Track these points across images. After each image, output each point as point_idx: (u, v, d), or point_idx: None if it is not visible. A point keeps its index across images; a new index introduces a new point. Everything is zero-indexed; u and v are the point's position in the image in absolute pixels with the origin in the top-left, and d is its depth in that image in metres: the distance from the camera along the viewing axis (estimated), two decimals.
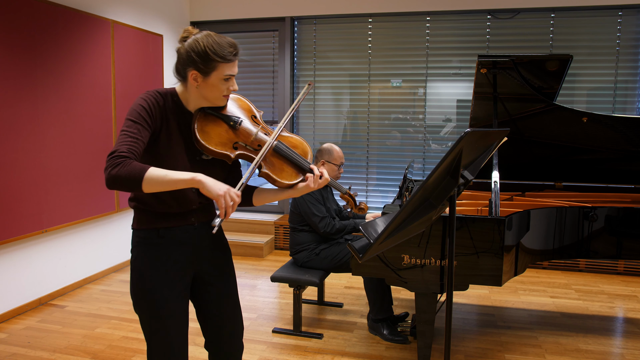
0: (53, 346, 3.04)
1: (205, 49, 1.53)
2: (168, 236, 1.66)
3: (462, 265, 2.45)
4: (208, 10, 5.50)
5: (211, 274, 1.78)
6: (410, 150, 5.20)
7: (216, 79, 1.56)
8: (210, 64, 1.54)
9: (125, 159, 1.41)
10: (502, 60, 2.93)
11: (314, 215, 3.16)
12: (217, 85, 1.57)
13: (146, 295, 1.65)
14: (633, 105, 4.65)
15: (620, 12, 4.57)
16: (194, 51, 1.54)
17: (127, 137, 1.47)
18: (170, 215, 1.65)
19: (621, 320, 3.49)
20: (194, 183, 1.45)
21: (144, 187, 1.41)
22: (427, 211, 1.54)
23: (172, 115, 1.61)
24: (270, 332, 3.26)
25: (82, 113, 3.97)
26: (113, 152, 1.42)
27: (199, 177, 1.44)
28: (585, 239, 2.76)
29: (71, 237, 4.01)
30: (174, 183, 1.44)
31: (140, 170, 1.40)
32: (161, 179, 1.42)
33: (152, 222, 1.65)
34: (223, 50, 1.54)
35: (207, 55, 1.53)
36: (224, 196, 1.43)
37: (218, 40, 1.55)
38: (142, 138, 1.50)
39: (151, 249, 1.65)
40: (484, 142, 1.61)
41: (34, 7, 3.50)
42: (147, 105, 1.56)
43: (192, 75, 1.57)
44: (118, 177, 1.39)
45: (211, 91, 1.59)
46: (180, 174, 1.45)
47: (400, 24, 5.08)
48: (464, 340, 3.14)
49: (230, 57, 1.56)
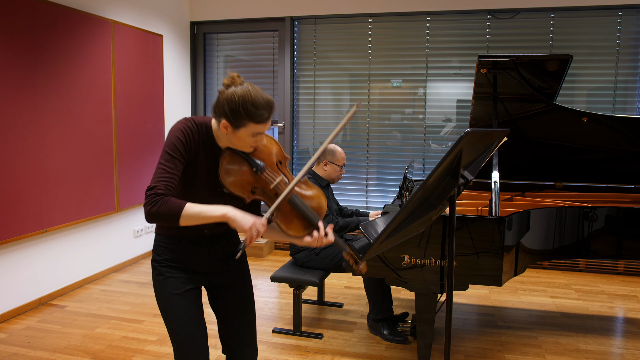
0: (53, 346, 3.04)
1: (239, 106, 1.57)
2: (182, 242, 1.77)
3: (462, 265, 2.45)
4: (208, 10, 5.50)
5: (226, 281, 1.87)
6: (410, 150, 5.20)
7: (244, 134, 1.62)
8: (240, 121, 1.59)
9: (162, 197, 1.54)
10: (502, 60, 2.93)
11: None
12: (245, 139, 1.63)
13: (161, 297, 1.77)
14: (633, 105, 4.65)
15: (620, 12, 4.57)
16: (228, 104, 1.58)
17: (164, 172, 1.58)
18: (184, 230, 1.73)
19: (621, 320, 3.50)
20: (224, 219, 1.56)
21: (180, 223, 1.55)
22: (427, 211, 1.54)
23: (203, 146, 1.70)
24: (270, 332, 3.26)
25: (82, 113, 3.97)
26: (151, 187, 1.55)
27: (230, 213, 1.56)
28: (585, 239, 2.76)
29: (71, 237, 4.01)
30: (207, 219, 1.57)
31: (177, 209, 1.54)
32: (196, 216, 1.56)
33: (169, 229, 1.77)
34: (256, 111, 1.58)
35: (239, 113, 1.57)
36: (251, 230, 1.54)
37: (254, 100, 1.58)
38: (178, 172, 1.61)
39: (167, 252, 1.77)
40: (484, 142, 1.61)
41: (34, 7, 3.50)
42: (184, 138, 1.64)
43: (223, 124, 1.62)
44: (158, 214, 1.54)
45: (238, 141, 1.65)
46: (212, 211, 1.56)
47: (400, 24, 5.08)
48: (464, 340, 3.14)
49: (261, 120, 1.60)
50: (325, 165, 3.29)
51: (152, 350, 2.99)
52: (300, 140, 5.51)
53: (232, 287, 1.88)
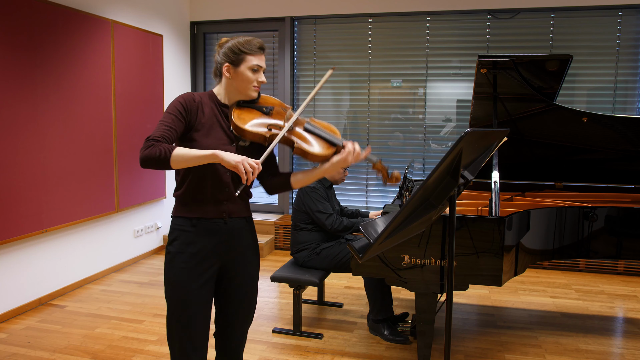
0: (53, 346, 3.04)
1: (236, 44, 1.82)
2: (200, 226, 1.83)
3: (462, 265, 2.45)
4: (208, 10, 5.50)
5: (237, 270, 1.93)
6: (410, 150, 5.20)
7: (245, 68, 1.82)
8: (239, 56, 1.81)
9: (156, 142, 1.65)
10: (502, 60, 2.93)
11: (320, 212, 3.18)
12: (247, 74, 1.82)
13: (173, 279, 1.82)
14: (633, 105, 4.65)
15: (620, 12, 4.57)
16: (227, 48, 1.83)
17: (161, 125, 1.72)
18: (204, 204, 1.83)
19: (621, 320, 3.50)
20: (213, 157, 1.64)
21: (171, 163, 1.64)
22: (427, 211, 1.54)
23: (208, 107, 1.84)
24: (270, 332, 3.26)
25: (82, 113, 3.97)
26: (149, 137, 1.67)
27: (217, 151, 1.64)
28: (585, 239, 2.76)
29: (71, 237, 4.01)
30: (196, 159, 1.65)
31: (168, 149, 1.63)
32: (186, 155, 1.64)
33: (188, 211, 1.84)
34: (249, 45, 1.82)
35: (237, 49, 1.81)
36: (241, 162, 1.61)
37: (246, 38, 1.84)
38: (175, 127, 1.73)
39: (183, 235, 1.84)
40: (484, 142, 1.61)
41: (34, 7, 3.50)
42: (183, 101, 1.79)
43: (225, 67, 1.83)
44: (149, 156, 1.63)
45: (242, 81, 1.83)
46: (202, 151, 1.65)
47: (400, 24, 5.08)
48: (464, 340, 3.14)
49: (255, 50, 1.82)
50: None
51: (152, 350, 2.99)
52: None
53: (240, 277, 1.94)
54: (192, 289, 1.81)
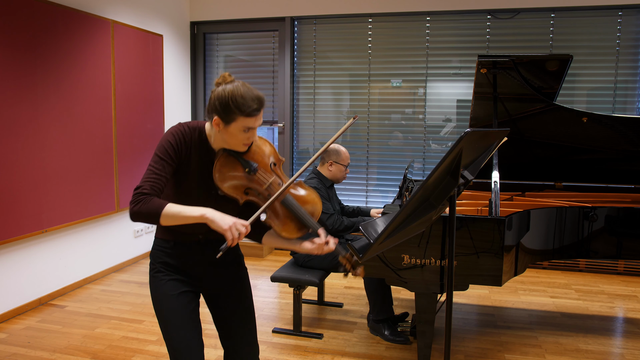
0: (53, 346, 3.04)
1: (228, 100, 1.61)
2: (178, 247, 1.80)
3: (462, 265, 2.45)
4: (208, 10, 5.50)
5: (223, 288, 1.89)
6: (410, 150, 5.20)
7: (235, 129, 1.65)
8: (230, 115, 1.62)
9: (146, 196, 1.59)
10: (502, 60, 2.93)
11: (322, 212, 3.17)
12: (236, 134, 1.66)
13: (157, 299, 1.80)
14: (633, 105, 4.65)
15: (620, 12, 4.57)
16: (218, 99, 1.63)
17: (152, 173, 1.64)
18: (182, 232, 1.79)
19: (621, 320, 3.50)
20: (202, 219, 1.58)
21: (161, 222, 1.60)
22: (427, 211, 1.54)
23: (196, 150, 1.73)
24: (270, 332, 3.26)
25: (82, 113, 3.97)
26: (138, 187, 1.60)
27: (208, 214, 1.58)
28: (585, 239, 2.76)
29: (71, 237, 4.00)
30: (186, 219, 1.60)
31: (158, 208, 1.58)
32: (176, 215, 1.59)
33: (166, 233, 1.81)
34: (245, 104, 1.61)
35: (229, 106, 1.61)
36: (229, 230, 1.55)
37: (243, 94, 1.62)
38: (165, 174, 1.66)
39: (163, 256, 1.81)
40: (484, 142, 1.61)
41: (34, 7, 3.50)
42: (174, 141, 1.68)
43: (214, 121, 1.66)
44: (139, 213, 1.58)
45: (230, 138, 1.68)
46: (191, 211, 1.59)
47: (400, 24, 5.07)
48: (464, 340, 3.14)
49: (251, 112, 1.62)
50: (331, 165, 3.31)
51: (152, 350, 2.99)
52: (300, 141, 5.51)
53: (229, 295, 1.89)
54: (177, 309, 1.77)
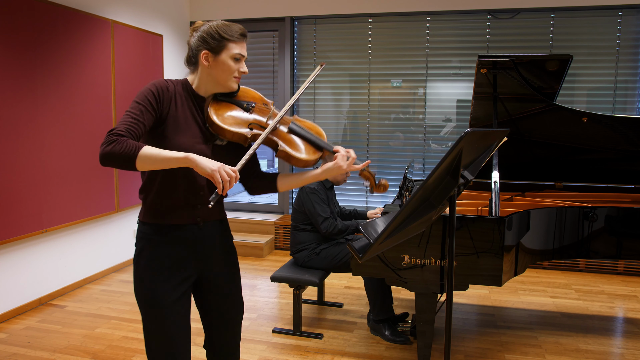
0: (53, 346, 3.04)
1: (216, 29, 1.63)
2: (172, 234, 1.66)
3: (462, 265, 2.45)
4: (208, 10, 5.50)
5: (216, 276, 1.77)
6: (410, 150, 5.20)
7: (226, 56, 1.63)
8: (220, 43, 1.62)
9: (120, 137, 1.43)
10: (502, 60, 2.93)
11: (318, 215, 3.17)
12: (227, 63, 1.63)
13: (146, 291, 1.65)
14: (633, 105, 4.65)
15: (620, 12, 4.57)
16: (205, 33, 1.63)
17: (128, 117, 1.51)
18: (176, 210, 1.65)
19: (621, 320, 3.49)
20: (186, 161, 1.46)
21: (137, 165, 1.44)
22: (427, 211, 1.54)
23: (182, 99, 1.65)
24: (270, 332, 3.26)
25: (82, 113, 3.97)
26: (111, 130, 1.45)
27: (192, 156, 1.46)
28: (585, 239, 2.76)
29: (71, 237, 4.01)
30: (167, 161, 1.46)
31: (134, 149, 1.42)
32: (155, 157, 1.44)
33: (158, 217, 1.65)
34: (231, 30, 1.64)
35: (218, 33, 1.62)
36: (217, 171, 1.44)
37: (227, 23, 1.66)
38: (143, 120, 1.52)
39: (154, 244, 1.66)
40: (484, 142, 1.61)
41: (34, 7, 3.50)
42: (155, 90, 1.59)
43: (203, 55, 1.63)
44: (111, 153, 1.41)
45: (222, 71, 1.64)
46: (174, 153, 1.46)
47: (400, 24, 5.08)
48: (464, 340, 3.14)
49: (238, 37, 1.64)
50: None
51: None
52: None
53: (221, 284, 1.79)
54: (168, 304, 1.63)
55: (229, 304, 1.82)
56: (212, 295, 1.79)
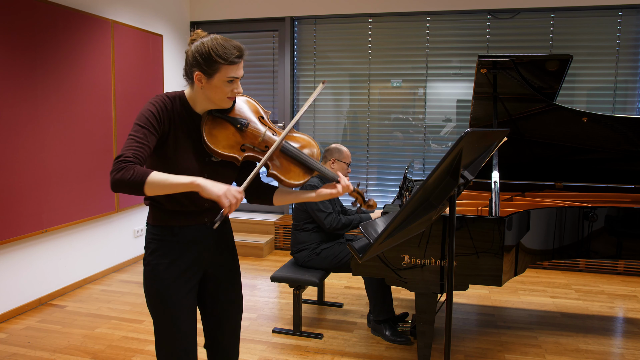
0: (53, 346, 3.04)
1: (209, 50, 1.56)
2: (181, 234, 1.71)
3: (462, 265, 2.45)
4: (208, 10, 5.50)
5: (219, 275, 1.84)
6: (410, 150, 5.20)
7: (219, 80, 1.59)
8: (213, 66, 1.57)
9: (129, 164, 1.47)
10: (502, 60, 2.93)
11: (320, 211, 3.18)
12: (221, 87, 1.60)
13: (158, 291, 1.70)
14: (633, 105, 4.65)
15: (620, 12, 4.57)
16: (198, 53, 1.58)
17: (133, 141, 1.52)
18: (183, 213, 1.70)
19: (621, 320, 3.50)
20: (193, 187, 1.49)
21: (146, 191, 1.47)
22: (427, 211, 1.54)
23: (180, 118, 1.65)
24: (270, 332, 3.26)
25: (82, 113, 3.97)
26: (119, 156, 1.48)
27: (198, 180, 1.49)
28: (585, 239, 2.76)
29: (71, 237, 4.01)
30: (174, 187, 1.49)
31: (142, 175, 1.46)
32: (162, 183, 1.48)
33: (167, 220, 1.70)
34: (226, 52, 1.57)
35: (211, 56, 1.56)
36: (223, 196, 1.47)
37: (223, 43, 1.58)
38: (148, 143, 1.55)
39: (165, 245, 1.70)
40: (484, 142, 1.61)
41: (34, 7, 3.50)
42: (155, 110, 1.60)
43: (196, 76, 1.60)
44: (121, 181, 1.45)
45: (215, 93, 1.62)
46: (180, 178, 1.49)
47: (400, 24, 5.08)
48: (464, 340, 3.14)
49: (233, 60, 1.58)
50: (333, 163, 3.31)
51: (152, 350, 2.99)
52: None
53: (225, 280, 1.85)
54: (178, 301, 1.70)
55: (229, 303, 1.86)
56: (214, 293, 1.84)
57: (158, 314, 1.71)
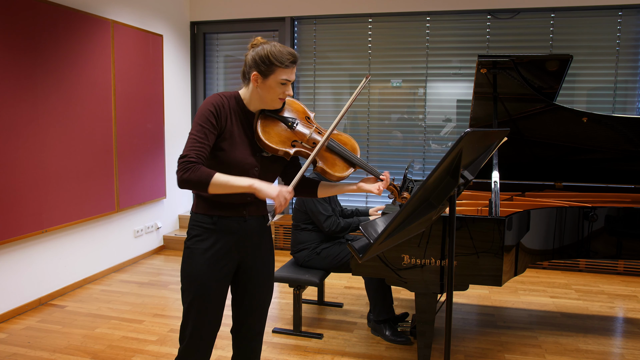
0: (53, 346, 3.04)
1: (268, 54, 1.75)
2: (220, 224, 1.84)
3: (462, 265, 2.45)
4: (208, 10, 5.50)
5: (254, 266, 1.96)
6: (410, 150, 5.20)
7: (273, 81, 1.77)
8: (270, 68, 1.75)
9: (194, 165, 1.65)
10: (502, 60, 2.93)
11: (320, 213, 3.18)
12: (274, 87, 1.78)
13: (193, 274, 1.84)
14: (633, 105, 4.65)
15: (620, 12, 4.57)
16: (258, 55, 1.77)
17: (195, 142, 1.70)
18: (225, 205, 1.84)
19: (621, 320, 3.50)
20: (251, 189, 1.68)
21: (209, 191, 1.67)
22: (427, 211, 1.54)
23: (235, 115, 1.82)
24: (270, 332, 3.26)
25: (82, 113, 3.97)
26: (184, 156, 1.67)
27: (255, 185, 1.68)
28: (585, 239, 2.76)
29: (71, 237, 4.01)
30: (235, 188, 1.68)
31: (207, 177, 1.65)
32: (224, 185, 1.67)
33: (209, 209, 1.85)
34: (282, 57, 1.76)
35: (269, 59, 1.75)
36: (277, 197, 1.66)
37: (280, 49, 1.77)
38: (208, 142, 1.72)
39: (204, 232, 1.85)
40: (484, 142, 1.61)
41: (34, 8, 3.50)
42: (214, 109, 1.76)
43: (254, 76, 1.78)
44: (189, 181, 1.65)
45: (268, 92, 1.79)
46: (240, 181, 1.68)
47: (400, 24, 5.08)
48: (464, 340, 3.14)
49: (287, 64, 1.76)
50: None
51: (152, 350, 2.99)
52: None
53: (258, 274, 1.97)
54: (211, 284, 1.83)
55: (262, 290, 1.99)
56: (248, 281, 1.96)
57: (188, 295, 1.85)
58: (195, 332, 1.85)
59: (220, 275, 1.86)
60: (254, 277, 1.96)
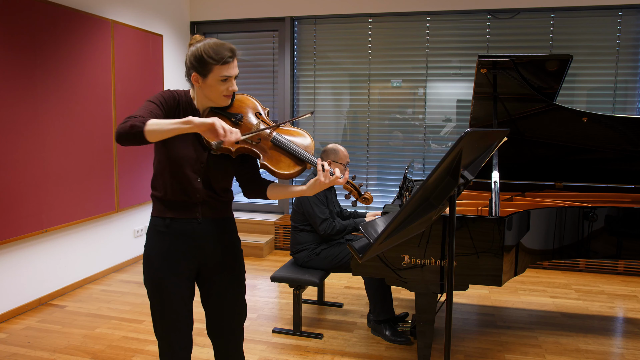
0: (53, 346, 3.04)
1: (201, 53, 1.70)
2: (173, 226, 1.81)
3: (462, 265, 2.45)
4: (208, 10, 5.50)
5: (215, 268, 1.88)
6: (410, 150, 5.20)
7: (213, 80, 1.71)
8: (206, 67, 1.70)
9: (132, 118, 1.58)
10: (502, 60, 2.93)
11: (316, 216, 3.17)
12: (215, 85, 1.72)
13: (150, 277, 1.82)
14: (633, 105, 4.65)
15: (620, 12, 4.57)
16: (193, 56, 1.72)
17: (143, 109, 1.66)
18: (177, 205, 1.80)
19: (621, 320, 3.50)
20: (187, 122, 1.55)
21: (147, 137, 1.55)
22: (427, 211, 1.54)
23: (184, 111, 1.78)
24: (270, 332, 3.26)
25: (82, 113, 3.97)
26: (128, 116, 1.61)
27: (190, 117, 1.56)
28: (585, 239, 2.76)
29: (71, 237, 4.00)
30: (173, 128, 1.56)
31: (141, 122, 1.56)
32: (161, 126, 1.55)
33: (163, 211, 1.82)
34: (218, 53, 1.69)
35: (203, 58, 1.69)
36: (214, 123, 1.52)
37: (213, 46, 1.71)
38: (156, 111, 1.67)
39: (158, 235, 1.83)
40: (484, 142, 1.61)
41: (34, 7, 3.50)
42: (165, 94, 1.76)
43: (193, 77, 1.74)
44: (124, 130, 1.55)
45: (211, 91, 1.74)
46: (176, 121, 1.56)
47: (400, 24, 5.08)
48: (464, 340, 3.14)
49: (225, 60, 1.69)
50: (329, 164, 3.29)
51: (152, 350, 2.99)
52: None
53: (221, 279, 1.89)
54: (166, 288, 1.79)
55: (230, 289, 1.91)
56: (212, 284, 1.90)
57: (150, 299, 1.84)
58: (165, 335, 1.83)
59: (178, 279, 1.81)
60: (218, 281, 1.88)
